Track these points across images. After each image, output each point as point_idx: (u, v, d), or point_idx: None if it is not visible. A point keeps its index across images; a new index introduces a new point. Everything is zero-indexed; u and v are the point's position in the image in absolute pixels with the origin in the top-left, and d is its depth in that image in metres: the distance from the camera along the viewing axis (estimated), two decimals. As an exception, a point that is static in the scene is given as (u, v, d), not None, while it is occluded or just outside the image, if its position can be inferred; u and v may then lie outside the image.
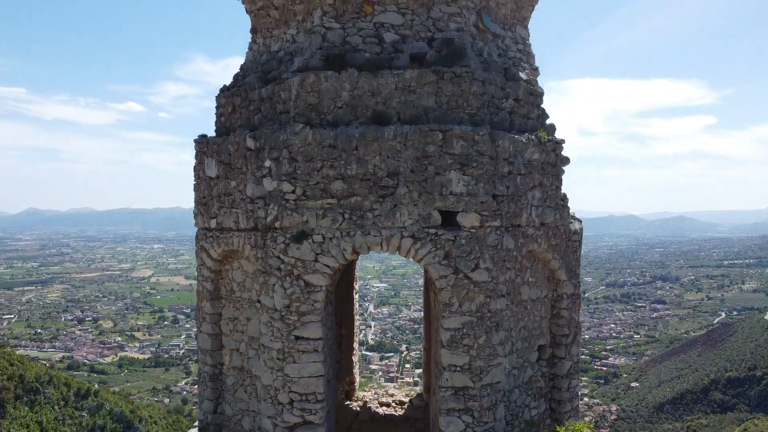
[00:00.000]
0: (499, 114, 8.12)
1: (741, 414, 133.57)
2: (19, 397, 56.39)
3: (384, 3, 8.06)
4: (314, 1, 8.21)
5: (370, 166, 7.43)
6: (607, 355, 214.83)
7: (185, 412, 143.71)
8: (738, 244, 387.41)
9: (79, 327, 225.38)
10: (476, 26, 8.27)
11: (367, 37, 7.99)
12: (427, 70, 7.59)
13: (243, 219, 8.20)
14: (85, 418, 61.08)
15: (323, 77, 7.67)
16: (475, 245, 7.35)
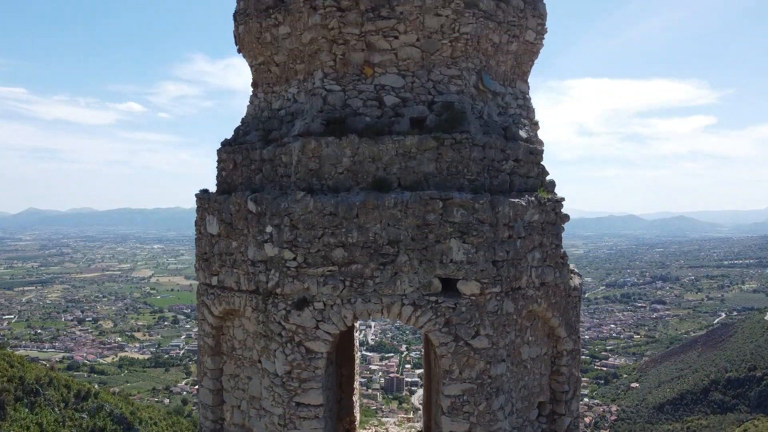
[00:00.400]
0: (499, 176, 8.16)
1: (741, 414, 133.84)
2: (20, 399, 56.56)
3: (384, 65, 8.06)
4: (315, 62, 8.20)
5: (370, 234, 7.46)
6: (607, 355, 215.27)
7: (185, 413, 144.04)
8: (738, 244, 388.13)
9: (79, 327, 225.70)
10: (476, 87, 8.28)
11: (368, 100, 8.00)
12: (428, 137, 7.62)
13: (244, 280, 8.24)
14: (85, 420, 61.23)
15: (324, 143, 7.70)
16: (475, 312, 7.39)
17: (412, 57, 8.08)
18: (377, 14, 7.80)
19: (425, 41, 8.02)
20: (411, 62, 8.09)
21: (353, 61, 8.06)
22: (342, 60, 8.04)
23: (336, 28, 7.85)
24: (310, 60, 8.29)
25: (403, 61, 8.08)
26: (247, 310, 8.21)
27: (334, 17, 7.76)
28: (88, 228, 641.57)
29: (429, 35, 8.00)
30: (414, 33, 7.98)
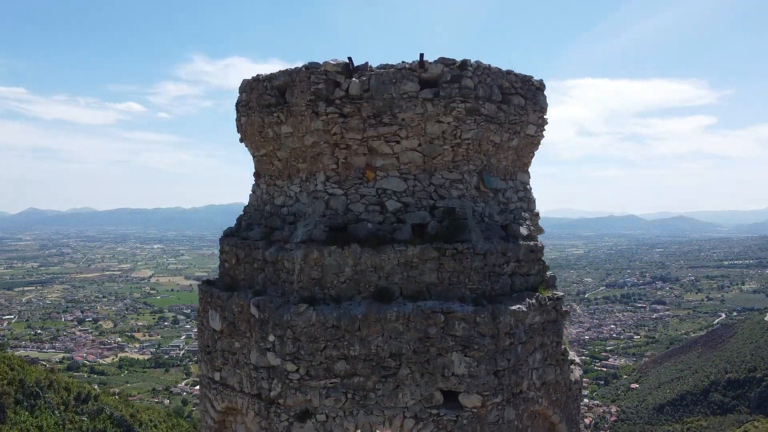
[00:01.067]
0: (500, 280, 8.19)
1: (741, 416, 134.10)
2: (20, 402, 56.65)
3: (386, 168, 8.08)
4: (317, 163, 8.23)
5: (372, 346, 7.51)
6: (607, 355, 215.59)
7: (185, 414, 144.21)
8: (738, 245, 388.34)
9: (79, 327, 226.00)
10: (477, 188, 8.29)
11: (370, 205, 8.02)
12: (429, 246, 7.64)
13: (247, 383, 8.29)
14: (85, 422, 61.34)
15: (327, 253, 7.73)
16: (476, 425, 7.45)
17: (413, 161, 8.10)
18: (379, 121, 7.81)
19: (427, 146, 8.03)
20: (413, 166, 8.11)
21: (355, 164, 8.09)
22: (344, 163, 8.08)
23: (338, 134, 7.87)
24: (312, 161, 8.31)
25: (404, 164, 8.10)
26: (249, 413, 8.27)
27: (337, 123, 7.78)
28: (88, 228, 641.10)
29: (431, 140, 8.00)
30: (416, 138, 7.98)
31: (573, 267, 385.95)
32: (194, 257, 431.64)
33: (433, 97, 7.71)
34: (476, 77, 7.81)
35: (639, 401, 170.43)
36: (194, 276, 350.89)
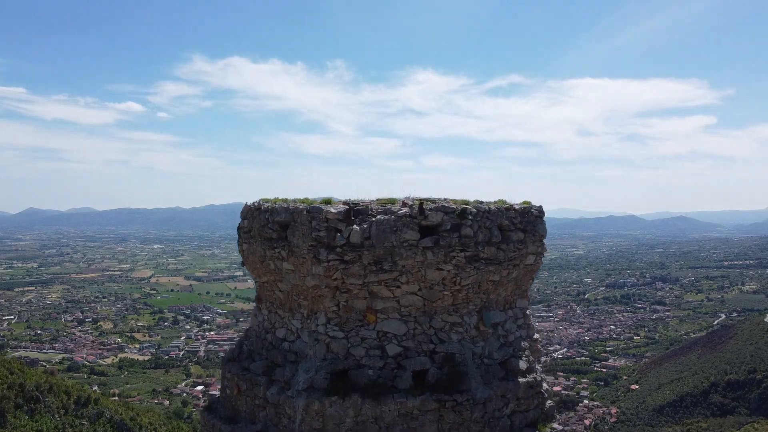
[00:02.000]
0: (500, 423, 8.11)
1: (741, 417, 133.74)
2: (19, 406, 56.52)
3: (387, 311, 8.03)
4: (318, 304, 8.20)
5: None
6: (606, 356, 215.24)
7: (185, 415, 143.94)
8: (738, 245, 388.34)
9: (79, 328, 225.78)
10: (477, 327, 8.34)
11: (371, 349, 7.96)
12: (429, 398, 7.57)
13: None
14: (86, 426, 61.20)
15: (328, 404, 7.65)
16: None
17: (414, 304, 8.11)
18: (380, 267, 7.82)
19: (427, 291, 8.04)
20: (413, 308, 8.10)
21: (356, 307, 8.10)
22: (345, 306, 8.10)
23: (339, 279, 7.92)
24: (313, 300, 8.32)
25: (405, 307, 8.11)
26: None
27: (338, 269, 7.81)
28: (87, 228, 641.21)
29: (431, 286, 8.03)
30: (416, 284, 8.00)
31: (573, 267, 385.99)
32: (194, 257, 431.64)
33: (433, 246, 7.74)
34: (476, 224, 7.85)
35: (639, 402, 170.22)
36: (194, 276, 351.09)
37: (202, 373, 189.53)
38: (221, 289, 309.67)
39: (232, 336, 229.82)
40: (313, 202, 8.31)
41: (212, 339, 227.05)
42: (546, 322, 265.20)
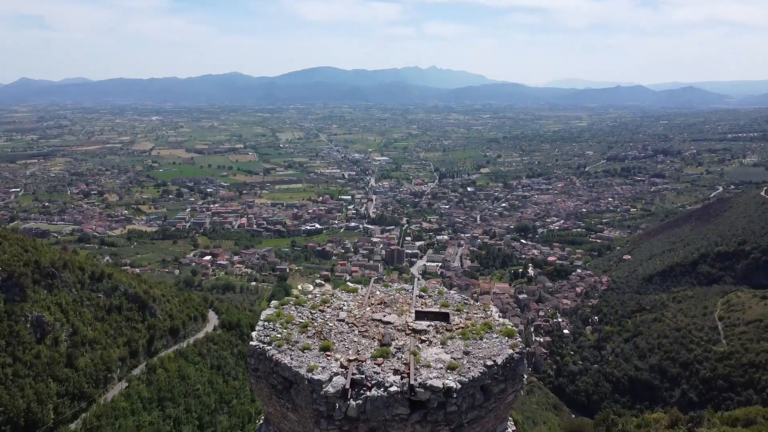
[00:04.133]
0: None
1: (726, 286, 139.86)
2: (37, 282, 59.18)
3: None
4: None
5: None
6: (602, 228, 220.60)
7: (195, 284, 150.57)
8: (744, 117, 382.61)
9: (85, 201, 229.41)
10: None
11: None
12: None
13: None
14: (102, 299, 64.51)
15: None
16: None
17: None
18: None
19: None
20: None
21: None
22: None
23: None
24: None
25: None
26: None
27: None
28: (83, 99, 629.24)
29: None
30: None
31: (576, 140, 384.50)
32: (194, 129, 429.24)
33: (421, 420, 7.93)
34: (461, 397, 7.90)
35: (630, 272, 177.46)
36: (195, 148, 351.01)
37: (209, 244, 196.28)
38: (223, 162, 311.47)
39: (236, 208, 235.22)
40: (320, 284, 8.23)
41: (216, 211, 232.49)
42: (545, 195, 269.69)
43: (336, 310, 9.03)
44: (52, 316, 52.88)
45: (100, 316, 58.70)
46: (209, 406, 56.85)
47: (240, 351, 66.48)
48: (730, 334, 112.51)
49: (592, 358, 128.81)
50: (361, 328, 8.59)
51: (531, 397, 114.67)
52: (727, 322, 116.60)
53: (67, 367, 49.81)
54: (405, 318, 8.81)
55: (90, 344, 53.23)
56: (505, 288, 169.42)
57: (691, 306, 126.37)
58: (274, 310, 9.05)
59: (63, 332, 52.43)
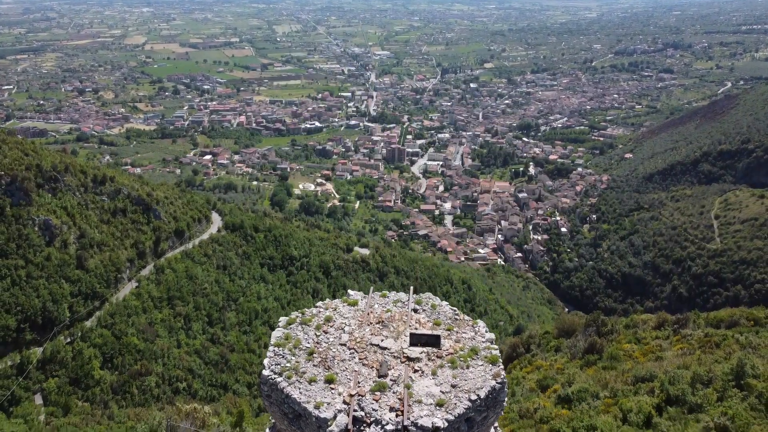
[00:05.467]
0: None
1: (725, 185, 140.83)
2: (41, 186, 59.61)
3: None
4: None
5: None
6: (606, 126, 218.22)
7: (196, 184, 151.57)
8: (762, 7, 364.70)
9: (80, 98, 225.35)
10: None
11: None
12: None
13: None
14: (106, 203, 65.34)
15: None
16: None
17: None
18: None
19: None
20: None
21: None
22: None
23: None
24: None
25: None
26: None
27: None
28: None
29: None
30: None
31: (583, 32, 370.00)
32: (187, 22, 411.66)
33: None
34: None
35: (630, 170, 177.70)
36: (189, 43, 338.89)
37: (208, 143, 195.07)
38: (218, 57, 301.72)
39: (234, 106, 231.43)
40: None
41: (215, 109, 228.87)
42: (549, 91, 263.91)
43: (338, 331, 9.33)
44: (59, 219, 53.79)
45: (106, 218, 59.68)
46: (217, 304, 59.28)
47: (244, 252, 68.30)
48: (725, 232, 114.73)
49: (588, 255, 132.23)
50: (361, 354, 8.90)
51: (527, 293, 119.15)
52: (722, 220, 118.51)
53: (78, 268, 51.37)
54: (400, 343, 9.10)
55: (98, 246, 54.55)
56: (505, 187, 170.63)
57: (689, 205, 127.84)
58: (283, 331, 9.44)
59: (71, 235, 53.56)
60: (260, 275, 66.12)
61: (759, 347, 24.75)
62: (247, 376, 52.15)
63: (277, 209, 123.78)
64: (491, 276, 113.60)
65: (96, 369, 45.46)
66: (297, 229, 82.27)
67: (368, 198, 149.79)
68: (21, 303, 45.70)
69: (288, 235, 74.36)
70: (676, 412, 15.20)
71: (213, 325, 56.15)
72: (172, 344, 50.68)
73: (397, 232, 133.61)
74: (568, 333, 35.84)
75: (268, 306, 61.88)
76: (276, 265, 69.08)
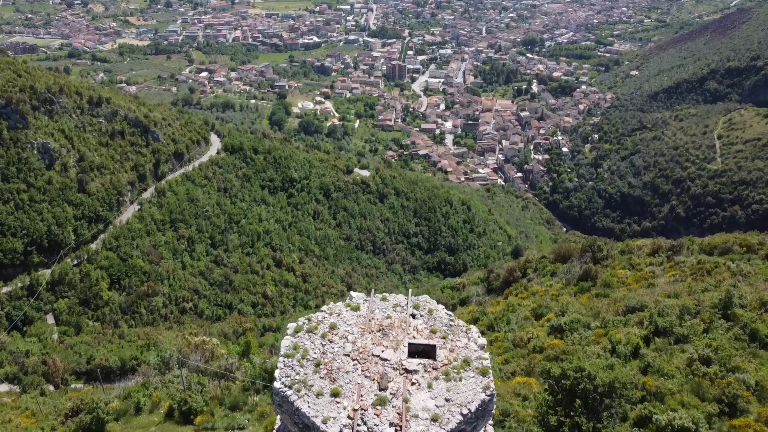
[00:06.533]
0: None
1: (730, 104, 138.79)
2: (36, 108, 58.88)
3: None
4: None
5: None
6: (612, 41, 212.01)
7: (193, 102, 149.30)
8: None
9: (69, 11, 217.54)
10: None
11: None
12: None
13: None
14: (104, 125, 64.74)
15: None
16: None
17: None
18: None
19: None
20: None
21: None
22: None
23: None
24: None
25: None
26: None
27: None
28: None
29: None
30: None
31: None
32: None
33: None
34: None
35: (635, 89, 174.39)
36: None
37: (204, 59, 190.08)
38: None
39: (229, 19, 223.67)
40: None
41: (209, 23, 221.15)
42: (556, 4, 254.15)
43: (342, 340, 9.61)
44: (57, 142, 53.55)
45: (104, 141, 59.39)
46: (219, 227, 60.07)
47: (245, 174, 68.40)
48: (727, 152, 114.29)
49: (588, 175, 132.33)
50: (363, 365, 9.13)
51: (526, 213, 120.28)
52: (725, 140, 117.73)
53: (79, 192, 51.71)
54: (399, 354, 9.40)
55: (98, 169, 54.63)
56: (507, 105, 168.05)
57: (692, 124, 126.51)
58: (291, 340, 9.76)
59: (70, 158, 53.49)
60: (261, 197, 66.61)
61: (749, 275, 25.41)
62: (251, 296, 53.77)
63: (276, 129, 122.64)
64: (491, 196, 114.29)
65: (104, 290, 46.82)
66: (297, 150, 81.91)
67: (368, 117, 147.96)
68: (26, 227, 46.36)
69: (288, 156, 74.17)
70: (663, 343, 15.86)
71: (216, 247, 57.21)
72: (177, 266, 51.93)
73: (398, 151, 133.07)
74: (564, 258, 36.70)
75: (269, 228, 62.78)
76: (276, 188, 69.42)
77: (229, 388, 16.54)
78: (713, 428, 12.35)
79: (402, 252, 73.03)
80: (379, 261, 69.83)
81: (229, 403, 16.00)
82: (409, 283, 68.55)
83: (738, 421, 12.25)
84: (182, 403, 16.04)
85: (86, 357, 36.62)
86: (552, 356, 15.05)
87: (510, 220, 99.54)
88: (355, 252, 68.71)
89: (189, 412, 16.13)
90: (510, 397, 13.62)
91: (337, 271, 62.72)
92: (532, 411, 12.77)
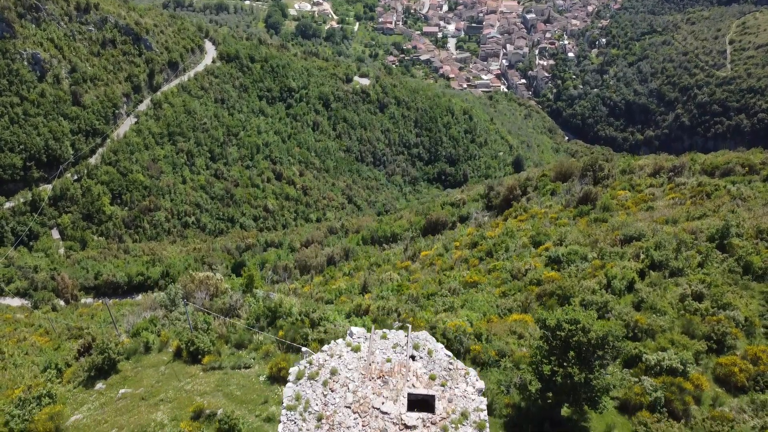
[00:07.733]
0: None
1: (746, 6, 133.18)
2: (22, 16, 56.46)
3: None
4: None
5: None
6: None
7: (185, 3, 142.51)
8: None
9: None
10: None
11: None
12: None
13: None
14: (94, 33, 62.37)
15: None
16: None
17: None
18: None
19: None
20: None
21: None
22: None
23: None
24: None
25: None
26: None
27: None
28: None
29: None
30: None
31: None
32: None
33: None
34: None
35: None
36: None
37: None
38: None
39: None
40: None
41: None
42: None
43: (343, 389, 9.46)
44: (47, 53, 51.91)
45: (96, 50, 57.54)
46: (218, 140, 59.44)
47: (242, 84, 66.78)
48: (737, 58, 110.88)
49: (593, 82, 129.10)
50: (364, 419, 9.04)
51: (528, 122, 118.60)
52: (737, 45, 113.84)
53: (74, 104, 50.80)
54: (399, 406, 9.32)
55: (92, 81, 53.31)
56: (512, 6, 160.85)
57: (704, 28, 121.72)
58: (293, 389, 9.65)
59: (62, 69, 52.10)
60: (259, 108, 65.47)
61: (749, 199, 25.44)
62: (252, 210, 54.23)
63: (273, 32, 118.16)
64: (493, 104, 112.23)
65: (106, 205, 47.20)
66: (294, 58, 79.36)
67: (368, 19, 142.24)
68: (23, 141, 45.92)
69: (285, 65, 72.02)
70: (658, 276, 16.17)
71: (216, 160, 56.97)
72: (178, 180, 51.98)
73: (398, 57, 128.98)
74: (565, 177, 36.64)
75: (269, 140, 62.19)
76: (274, 98, 68.04)
77: (234, 325, 17.09)
78: (700, 365, 12.86)
79: (402, 163, 72.84)
80: (379, 173, 69.84)
81: (235, 341, 16.64)
82: (409, 194, 69.00)
83: (724, 358, 12.74)
84: (189, 343, 16.65)
85: (93, 272, 37.57)
86: (549, 291, 15.39)
87: (512, 129, 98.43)
88: (356, 164, 68.56)
89: (197, 352, 16.79)
90: (506, 335, 14.08)
91: (337, 184, 62.91)
92: (527, 350, 13.26)
